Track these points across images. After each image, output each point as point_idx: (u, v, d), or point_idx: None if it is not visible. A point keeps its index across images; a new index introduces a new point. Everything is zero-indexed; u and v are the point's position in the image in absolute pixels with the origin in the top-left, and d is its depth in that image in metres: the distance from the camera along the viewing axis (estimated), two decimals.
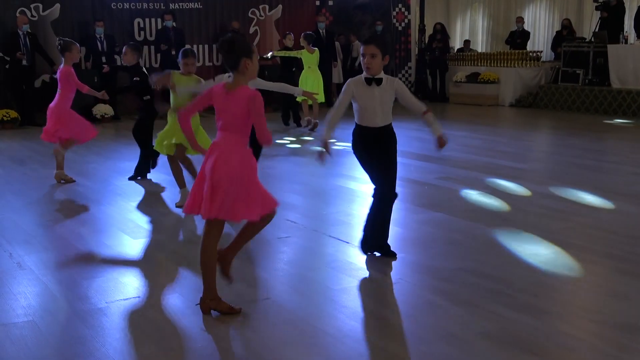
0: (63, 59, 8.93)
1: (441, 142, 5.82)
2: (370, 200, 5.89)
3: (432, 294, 5.06)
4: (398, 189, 5.90)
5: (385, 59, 5.51)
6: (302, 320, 4.64)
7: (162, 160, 9.52)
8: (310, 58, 13.90)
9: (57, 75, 8.97)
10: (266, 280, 5.45)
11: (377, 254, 5.85)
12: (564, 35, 18.64)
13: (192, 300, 4.96)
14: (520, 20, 19.86)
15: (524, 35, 19.60)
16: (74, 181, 9.08)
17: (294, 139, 12.85)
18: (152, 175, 9.45)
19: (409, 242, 6.44)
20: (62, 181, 9.05)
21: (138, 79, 9.07)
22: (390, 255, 5.85)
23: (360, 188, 8.30)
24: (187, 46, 12.90)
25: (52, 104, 9.01)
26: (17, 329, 4.52)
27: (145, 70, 9.20)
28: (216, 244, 4.64)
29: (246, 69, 4.50)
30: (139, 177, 9.25)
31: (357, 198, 7.96)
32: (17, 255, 6.13)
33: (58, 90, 8.98)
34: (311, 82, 13.66)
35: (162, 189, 8.78)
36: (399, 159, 5.93)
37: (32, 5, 15.92)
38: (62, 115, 8.94)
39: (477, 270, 5.50)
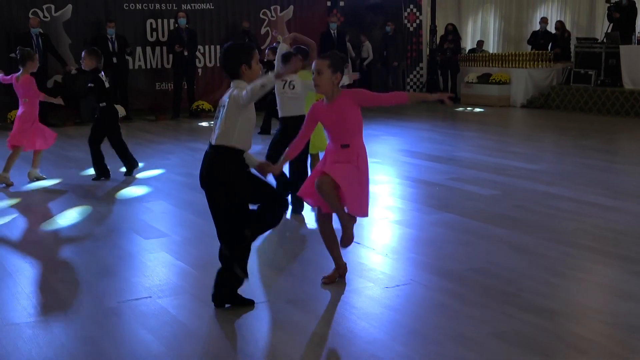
0: (22, 67, 9.02)
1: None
2: (379, 199, 5.88)
3: (443, 294, 5.06)
4: (408, 190, 5.87)
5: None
6: (312, 320, 4.65)
7: (185, 160, 9.55)
8: None
9: (16, 84, 9.06)
10: (277, 281, 5.46)
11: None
12: (557, 36, 18.84)
13: (203, 300, 4.98)
14: (544, 21, 19.77)
15: (547, 36, 19.48)
16: (12, 184, 9.10)
17: None
18: (165, 176, 9.48)
19: (419, 243, 6.44)
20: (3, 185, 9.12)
21: (92, 85, 9.17)
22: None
23: (372, 189, 8.28)
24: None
25: (18, 113, 9.15)
26: (29, 329, 4.55)
27: (102, 76, 9.21)
28: None
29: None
30: (102, 178, 9.34)
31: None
32: (29, 254, 6.16)
33: (21, 99, 9.08)
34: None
35: (174, 189, 8.80)
36: (409, 159, 5.89)
37: (44, 6, 16.01)
38: (33, 123, 9.10)
39: (488, 271, 5.49)
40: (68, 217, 7.53)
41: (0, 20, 15.64)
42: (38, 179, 9.29)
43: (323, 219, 5.22)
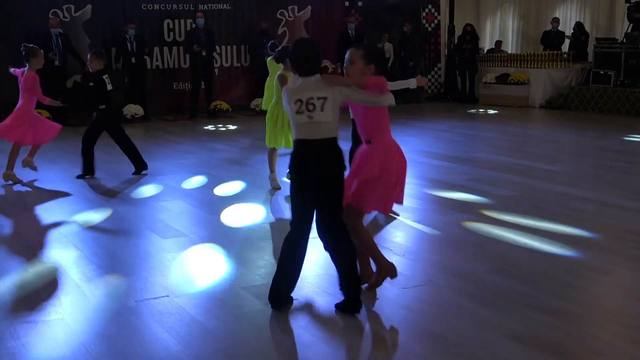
0: (27, 64, 9.11)
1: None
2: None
3: (461, 296, 5.04)
4: (425, 191, 5.84)
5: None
6: (328, 320, 4.65)
7: (204, 160, 9.57)
8: None
9: (20, 79, 9.15)
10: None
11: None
12: (574, 38, 18.89)
13: (220, 299, 4.99)
14: (556, 21, 19.70)
15: (559, 36, 19.41)
16: (21, 181, 9.23)
17: None
18: (182, 175, 9.51)
19: (437, 244, 6.42)
20: (10, 182, 9.21)
21: (92, 84, 9.24)
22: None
23: None
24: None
25: (17, 107, 9.19)
26: (48, 327, 4.57)
27: (106, 78, 9.25)
28: None
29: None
30: (87, 176, 9.44)
31: None
32: (48, 253, 6.20)
33: (21, 94, 9.16)
34: None
35: (192, 189, 8.82)
36: (427, 160, 5.85)
37: (64, 7, 16.12)
38: (26, 118, 9.14)
39: (506, 273, 5.46)
40: (86, 217, 7.56)
41: (20, 20, 15.75)
42: (31, 168, 9.39)
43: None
